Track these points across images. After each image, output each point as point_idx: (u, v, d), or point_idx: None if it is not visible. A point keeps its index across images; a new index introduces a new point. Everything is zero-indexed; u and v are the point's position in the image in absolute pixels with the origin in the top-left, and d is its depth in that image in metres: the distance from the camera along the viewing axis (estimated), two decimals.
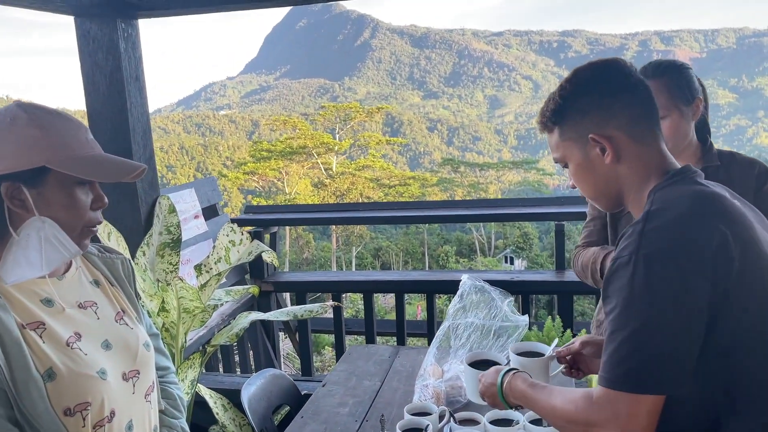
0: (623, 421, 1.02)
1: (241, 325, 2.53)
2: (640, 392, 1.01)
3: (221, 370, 3.58)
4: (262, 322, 3.91)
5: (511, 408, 1.35)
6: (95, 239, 2.34)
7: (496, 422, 1.69)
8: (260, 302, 3.89)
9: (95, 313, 1.23)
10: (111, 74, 2.46)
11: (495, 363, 1.63)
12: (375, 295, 4.06)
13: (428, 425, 1.65)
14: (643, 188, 1.16)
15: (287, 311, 2.62)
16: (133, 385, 1.23)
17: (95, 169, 1.17)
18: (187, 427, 1.39)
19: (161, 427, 1.35)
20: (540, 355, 1.60)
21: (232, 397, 2.70)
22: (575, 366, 1.55)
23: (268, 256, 2.63)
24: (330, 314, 4.18)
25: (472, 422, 1.74)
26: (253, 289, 2.95)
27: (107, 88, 2.47)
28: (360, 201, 35.47)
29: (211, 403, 2.59)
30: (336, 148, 38.49)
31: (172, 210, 2.72)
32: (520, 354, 1.62)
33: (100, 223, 1.22)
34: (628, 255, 1.04)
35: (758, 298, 1.04)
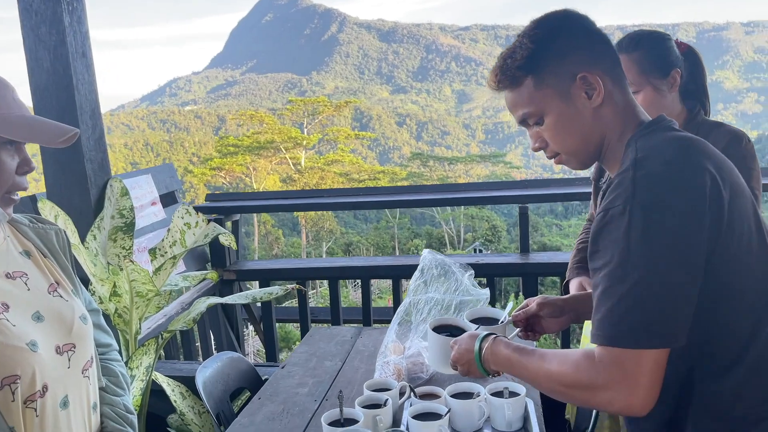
0: (631, 380, 0.95)
1: (198, 310, 2.44)
2: (647, 347, 0.94)
3: (182, 359, 3.48)
4: (224, 310, 3.83)
5: (489, 375, 1.28)
6: (35, 211, 2.23)
7: (456, 396, 1.66)
8: (222, 291, 3.80)
9: (25, 283, 1.15)
10: (55, 49, 2.35)
11: (460, 329, 1.56)
12: (347, 290, 4.01)
13: (387, 399, 1.61)
14: (621, 138, 1.12)
15: (246, 294, 2.54)
16: (69, 359, 1.15)
17: (24, 130, 1.09)
18: (130, 405, 1.32)
19: (102, 404, 1.28)
20: (495, 320, 1.57)
21: (191, 384, 2.61)
22: (531, 329, 1.51)
23: (226, 239, 2.56)
24: (296, 303, 4.12)
25: (433, 397, 1.70)
26: (212, 275, 2.86)
27: (51, 63, 2.35)
28: None
29: (168, 391, 2.51)
30: (304, 142, 38.20)
31: (125, 193, 2.62)
32: (475, 320, 1.58)
33: (25, 188, 1.14)
34: (622, 204, 0.97)
35: (743, 240, 1.01)
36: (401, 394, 1.74)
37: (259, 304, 4.22)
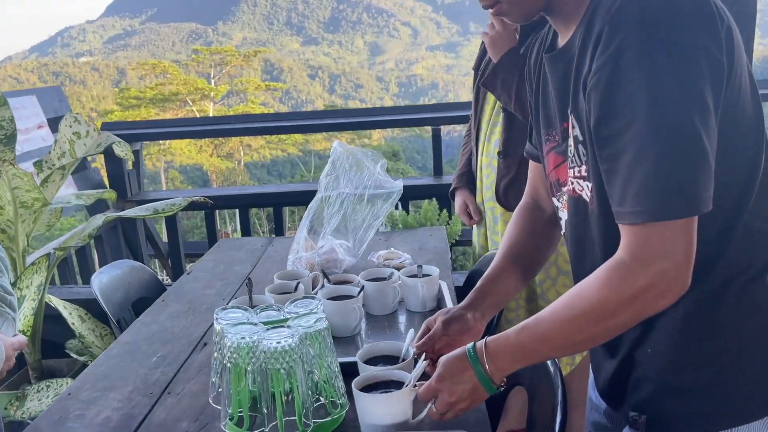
0: (680, 254, 0.83)
1: (95, 224, 2.27)
2: (696, 213, 0.81)
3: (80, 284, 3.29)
4: (127, 241, 3.63)
5: (498, 389, 0.99)
6: None
7: (370, 280, 1.62)
8: (124, 223, 3.60)
9: None
10: None
11: (386, 382, 1.14)
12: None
13: (298, 283, 1.55)
14: None
15: (147, 207, 2.38)
16: None
17: None
18: (8, 286, 1.19)
19: None
20: (395, 357, 1.23)
21: (91, 307, 2.46)
22: (438, 355, 1.11)
23: (122, 150, 2.37)
24: (206, 237, 3.97)
25: (347, 283, 1.66)
26: (109, 194, 2.67)
27: None
28: (240, 149, 34.47)
29: (65, 314, 2.34)
30: (212, 94, 36.68)
31: (3, 102, 2.38)
32: (369, 360, 1.22)
33: None
34: (637, 45, 0.81)
35: (743, 83, 0.89)
36: (314, 284, 1.69)
37: (165, 240, 4.05)
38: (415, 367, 1.14)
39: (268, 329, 1.09)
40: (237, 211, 4.05)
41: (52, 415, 1.20)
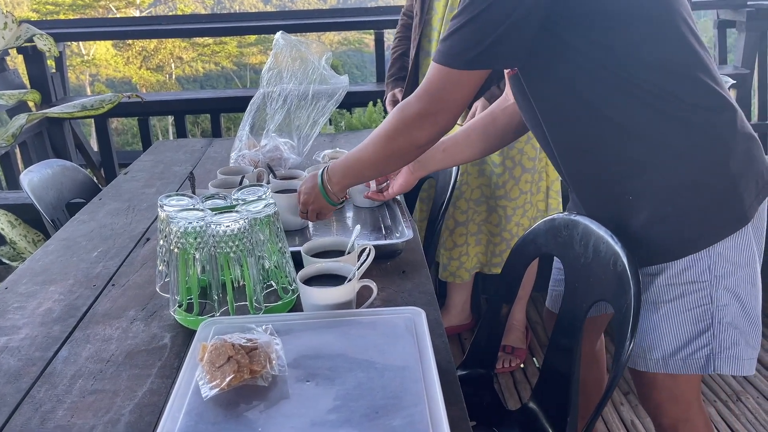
0: (453, 95, 1.10)
1: (17, 124, 2.13)
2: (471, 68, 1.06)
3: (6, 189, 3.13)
4: (54, 149, 3.45)
5: (336, 205, 1.33)
6: None
7: None
8: (51, 130, 3.41)
9: None
10: None
11: (336, 276, 1.13)
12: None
13: (243, 177, 1.52)
14: None
15: (74, 104, 2.24)
16: None
17: None
18: None
19: None
20: (341, 253, 1.21)
21: (21, 212, 2.35)
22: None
23: (44, 43, 2.20)
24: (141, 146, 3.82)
25: (294, 178, 1.63)
26: (32, 95, 2.49)
27: None
28: (171, 62, 32.82)
29: None
30: (137, 1, 34.31)
31: None
32: (317, 254, 1.22)
33: None
34: None
35: None
36: (259, 179, 1.66)
37: (96, 149, 3.87)
38: (359, 260, 1.15)
39: (215, 214, 1.06)
40: (171, 119, 3.88)
41: None
